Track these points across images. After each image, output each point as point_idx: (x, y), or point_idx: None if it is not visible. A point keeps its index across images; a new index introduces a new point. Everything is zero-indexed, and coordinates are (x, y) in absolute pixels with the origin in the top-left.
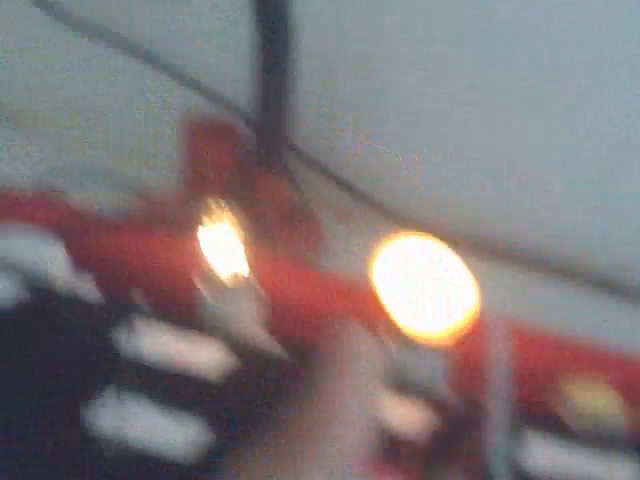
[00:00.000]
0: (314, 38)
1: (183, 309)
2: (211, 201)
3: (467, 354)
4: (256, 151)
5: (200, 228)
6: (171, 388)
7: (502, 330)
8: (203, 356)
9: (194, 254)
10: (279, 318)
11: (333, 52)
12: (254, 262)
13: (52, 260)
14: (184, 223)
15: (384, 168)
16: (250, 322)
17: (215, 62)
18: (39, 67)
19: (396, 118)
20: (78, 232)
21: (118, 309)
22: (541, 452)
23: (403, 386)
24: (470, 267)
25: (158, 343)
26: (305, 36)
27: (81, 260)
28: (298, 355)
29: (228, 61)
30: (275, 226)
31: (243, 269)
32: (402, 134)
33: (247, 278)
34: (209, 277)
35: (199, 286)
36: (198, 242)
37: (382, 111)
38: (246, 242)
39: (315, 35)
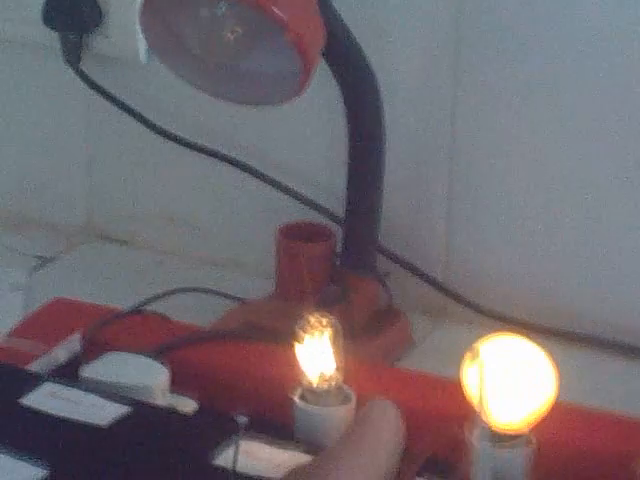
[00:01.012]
0: (405, 141)
1: (278, 417)
2: (307, 312)
3: (548, 443)
4: (347, 253)
5: (296, 336)
6: None
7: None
8: None
9: (290, 362)
10: None
11: (424, 153)
12: (344, 363)
13: (154, 378)
14: (280, 331)
15: (474, 267)
16: (340, 426)
17: (308, 169)
18: (143, 182)
19: (485, 217)
20: (180, 350)
21: (218, 426)
22: None
23: None
24: (557, 356)
25: (256, 457)
26: (396, 140)
27: (182, 376)
28: None
29: (320, 167)
30: (365, 326)
31: (333, 371)
32: (491, 233)
33: (337, 381)
34: (302, 383)
35: (294, 393)
36: (293, 350)
37: (471, 211)
38: (336, 344)
39: (406, 136)
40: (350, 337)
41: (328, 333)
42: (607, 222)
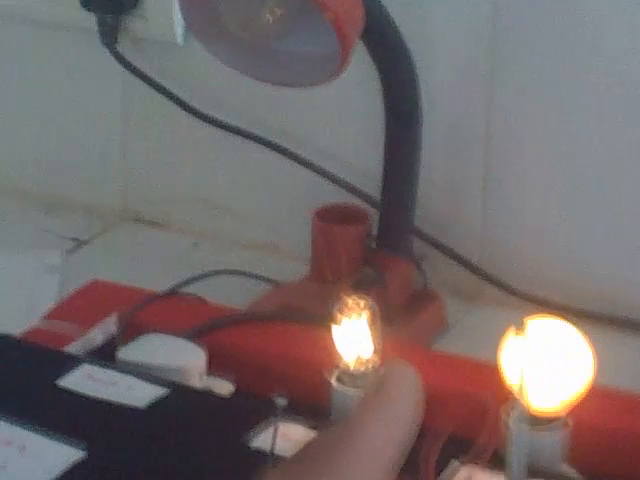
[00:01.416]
0: (442, 121)
1: (315, 400)
2: (344, 294)
3: (585, 426)
4: (383, 236)
5: (333, 318)
6: None
7: None
8: None
9: (326, 344)
10: None
11: (460, 134)
12: (380, 346)
13: (191, 360)
14: (316, 313)
15: (509, 249)
16: None
17: (344, 151)
18: (179, 164)
19: (521, 200)
20: (216, 332)
21: (255, 408)
22: None
23: (528, 465)
24: (593, 339)
25: (293, 439)
26: (432, 120)
27: (218, 359)
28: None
29: (356, 149)
30: (400, 309)
31: (370, 354)
32: (527, 216)
33: (375, 363)
34: (339, 366)
35: (330, 376)
36: (330, 332)
37: (507, 194)
38: (374, 327)
39: (443, 118)
40: (385, 320)
41: (366, 315)
42: None
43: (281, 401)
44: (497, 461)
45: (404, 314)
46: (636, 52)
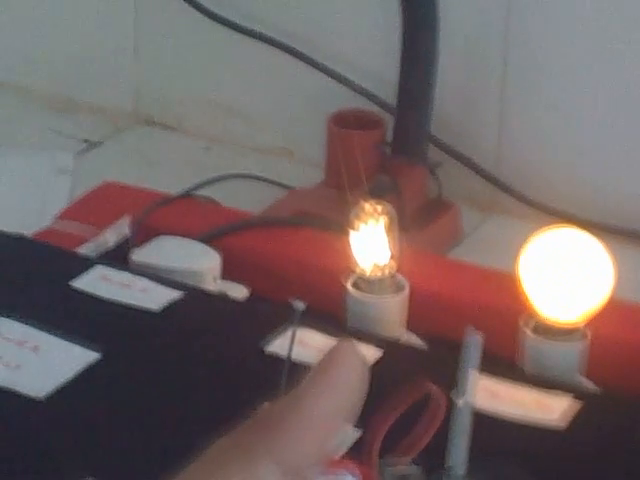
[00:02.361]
0: (459, 29)
1: (330, 306)
2: (361, 199)
3: (603, 338)
4: (398, 142)
5: (349, 224)
6: None
7: None
8: None
9: (342, 250)
10: (421, 309)
11: (478, 42)
12: (397, 252)
13: (206, 263)
14: (332, 219)
15: (526, 159)
16: (393, 315)
17: (361, 57)
18: (192, 67)
19: (538, 109)
20: (231, 236)
21: (271, 312)
22: None
23: (542, 376)
24: (612, 252)
25: (308, 345)
26: (450, 27)
27: (233, 263)
28: (438, 346)
29: (372, 54)
30: (414, 217)
31: (387, 260)
32: (544, 126)
33: (391, 269)
34: (355, 272)
35: (347, 281)
36: (346, 238)
37: (524, 103)
38: (391, 232)
39: (460, 25)
40: (400, 227)
41: (383, 220)
42: None
43: (299, 305)
44: (518, 373)
45: (419, 222)
46: None
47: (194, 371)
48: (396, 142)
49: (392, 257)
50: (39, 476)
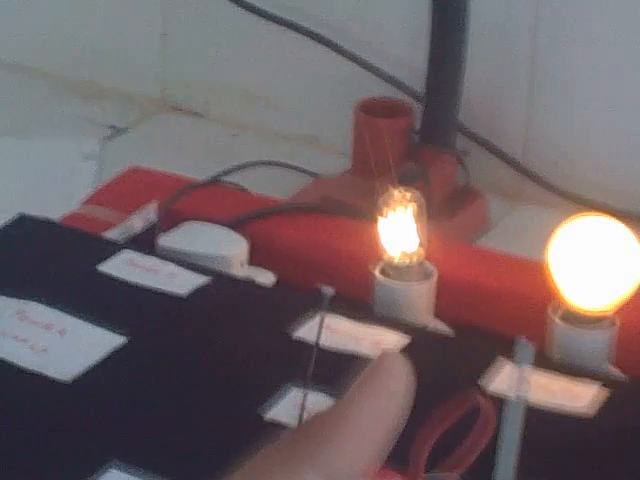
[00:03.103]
0: (488, 17)
1: (357, 293)
2: (389, 187)
3: (632, 326)
4: (426, 131)
5: (378, 211)
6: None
7: None
8: (381, 343)
9: (370, 237)
10: (448, 296)
11: (507, 30)
12: (425, 239)
13: (233, 249)
14: (359, 206)
15: (554, 148)
16: (421, 302)
17: (389, 45)
18: (219, 53)
19: (566, 98)
20: (258, 222)
21: (299, 298)
22: None
23: (570, 364)
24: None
25: (336, 330)
26: (479, 15)
27: (260, 250)
28: (465, 334)
29: (401, 42)
30: (442, 205)
31: (415, 247)
32: (573, 115)
33: (420, 257)
34: (383, 259)
35: (374, 268)
36: (373, 225)
37: (553, 92)
38: (420, 220)
39: (490, 14)
40: (428, 215)
41: (412, 208)
42: None
43: (328, 291)
44: (546, 361)
45: (446, 210)
46: None
47: (220, 356)
48: (424, 130)
49: (420, 244)
50: (65, 458)
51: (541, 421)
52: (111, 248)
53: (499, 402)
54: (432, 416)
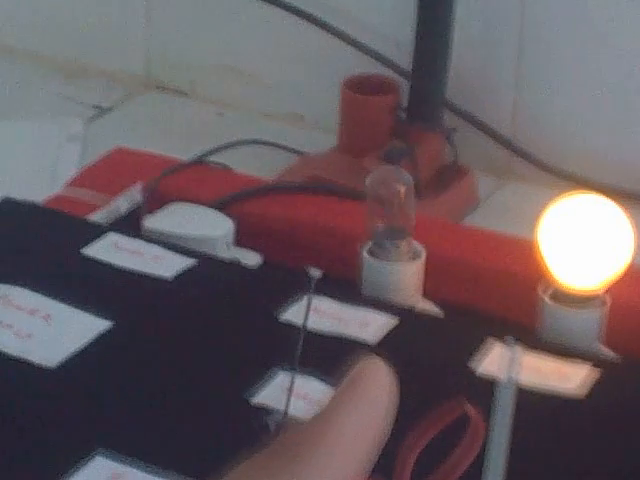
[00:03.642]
0: None
1: (344, 273)
2: (374, 166)
3: (622, 305)
4: (413, 108)
5: (366, 190)
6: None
7: None
8: (368, 325)
9: (357, 217)
10: (437, 276)
11: (494, 6)
12: (412, 219)
13: (218, 230)
14: (346, 185)
15: (542, 124)
16: (409, 282)
17: (374, 20)
18: (203, 31)
19: (554, 74)
20: (244, 202)
21: (285, 280)
22: None
23: (560, 344)
24: (631, 217)
25: (322, 312)
26: None
27: (246, 230)
28: (454, 314)
29: (387, 18)
30: (429, 183)
31: (400, 225)
32: (561, 91)
33: (405, 235)
34: (371, 238)
35: (362, 248)
36: (361, 204)
37: (540, 68)
38: (408, 199)
39: None
40: (415, 194)
41: (399, 187)
42: None
43: (315, 272)
44: (536, 341)
45: (434, 188)
46: None
47: (207, 339)
48: (411, 107)
49: (408, 223)
50: (51, 445)
51: (532, 402)
52: (95, 231)
53: (489, 384)
54: (418, 425)
